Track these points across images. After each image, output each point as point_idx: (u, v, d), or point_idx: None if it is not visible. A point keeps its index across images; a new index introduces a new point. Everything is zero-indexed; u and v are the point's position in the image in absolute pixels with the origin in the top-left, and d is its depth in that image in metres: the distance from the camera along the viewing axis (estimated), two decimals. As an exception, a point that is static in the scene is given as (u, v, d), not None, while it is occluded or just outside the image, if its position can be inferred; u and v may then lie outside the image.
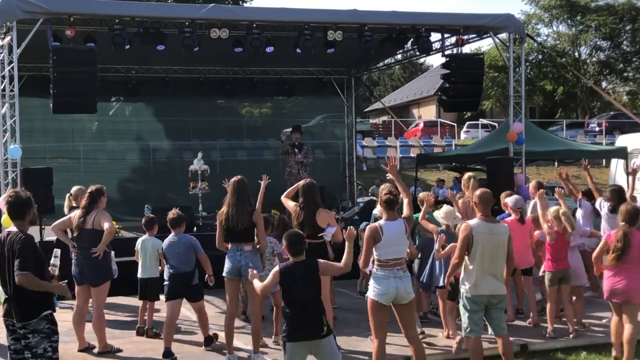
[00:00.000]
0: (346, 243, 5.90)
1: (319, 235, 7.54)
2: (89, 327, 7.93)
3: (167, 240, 7.90)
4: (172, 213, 7.91)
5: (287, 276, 5.70)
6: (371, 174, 24.16)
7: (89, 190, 8.05)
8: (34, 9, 11.01)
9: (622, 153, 16.56)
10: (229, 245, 7.47)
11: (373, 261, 6.70)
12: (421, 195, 8.94)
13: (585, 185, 12.95)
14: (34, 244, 5.35)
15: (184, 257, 7.75)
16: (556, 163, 21.31)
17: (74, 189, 9.32)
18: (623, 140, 18.52)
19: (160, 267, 8.47)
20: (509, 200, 8.92)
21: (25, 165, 11.60)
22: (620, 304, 7.24)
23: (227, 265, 7.46)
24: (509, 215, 8.96)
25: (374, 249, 6.60)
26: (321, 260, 5.93)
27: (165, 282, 7.86)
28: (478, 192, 6.99)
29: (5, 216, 10.89)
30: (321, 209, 7.65)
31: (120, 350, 7.88)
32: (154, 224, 8.68)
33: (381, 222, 6.69)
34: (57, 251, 7.02)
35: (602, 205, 9.25)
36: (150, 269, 8.58)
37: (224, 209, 7.42)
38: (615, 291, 7.18)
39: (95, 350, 7.83)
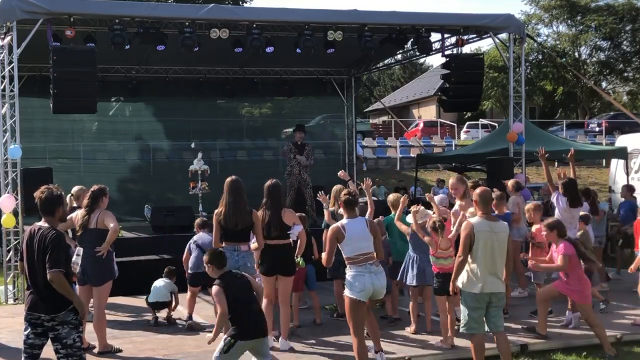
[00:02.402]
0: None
1: (288, 233, 7.63)
2: (89, 327, 7.92)
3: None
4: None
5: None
6: (371, 174, 24.14)
7: (91, 189, 8.07)
8: (34, 9, 11.00)
9: (622, 153, 16.57)
10: (224, 245, 7.46)
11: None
12: (390, 197, 9.17)
13: (584, 185, 13.00)
14: (65, 242, 5.53)
15: None
16: (556, 163, 21.29)
17: (75, 189, 9.33)
18: (623, 140, 18.53)
19: None
20: (435, 198, 8.97)
21: (25, 165, 11.59)
22: None
23: None
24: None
25: (341, 248, 6.81)
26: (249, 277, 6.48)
27: None
28: (478, 190, 7.08)
29: (5, 216, 10.92)
30: (285, 209, 7.74)
31: (120, 350, 7.88)
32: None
33: (343, 221, 6.91)
34: (80, 249, 7.05)
35: (560, 199, 9.21)
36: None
37: (221, 209, 7.43)
38: None
39: (95, 350, 7.83)
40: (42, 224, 5.53)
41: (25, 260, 5.54)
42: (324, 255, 6.98)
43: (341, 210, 8.00)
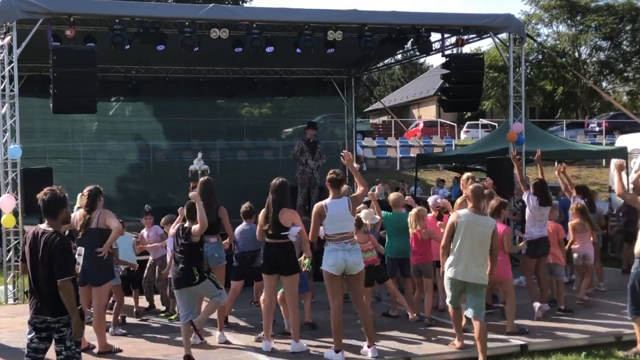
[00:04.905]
0: None
1: (283, 234, 7.61)
2: (89, 327, 7.91)
3: (238, 228, 8.83)
4: (245, 206, 8.86)
5: None
6: (371, 174, 24.16)
7: (88, 189, 8.06)
8: (34, 9, 11.01)
9: (622, 153, 16.55)
10: None
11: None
12: (391, 196, 9.52)
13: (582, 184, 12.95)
14: (70, 246, 5.55)
15: (251, 242, 8.66)
16: (556, 163, 21.29)
17: (86, 190, 9.29)
18: (623, 140, 18.53)
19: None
20: (429, 199, 9.97)
21: (25, 165, 11.59)
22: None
23: None
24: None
25: (322, 226, 7.34)
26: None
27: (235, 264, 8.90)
28: (471, 186, 7.69)
29: (5, 216, 10.92)
30: (285, 209, 7.69)
31: (120, 350, 7.88)
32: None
33: (326, 200, 7.39)
34: (81, 249, 7.04)
35: (530, 198, 9.59)
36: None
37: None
38: None
39: (95, 350, 7.83)
40: (46, 227, 5.45)
41: (29, 263, 5.50)
42: (310, 232, 7.50)
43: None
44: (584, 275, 10.16)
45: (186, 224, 7.56)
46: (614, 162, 8.10)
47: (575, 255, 10.11)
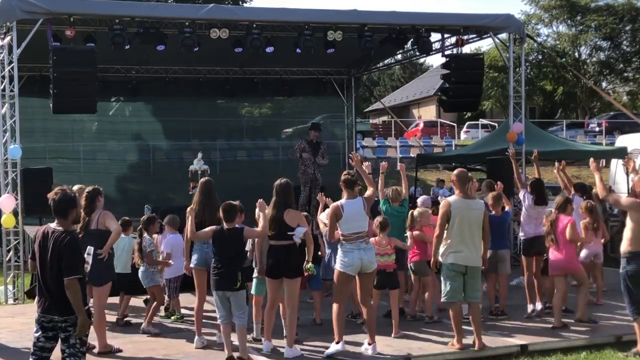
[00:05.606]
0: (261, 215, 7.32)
1: (288, 234, 7.49)
2: (89, 327, 7.92)
3: None
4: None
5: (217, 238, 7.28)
6: (371, 174, 24.12)
7: (86, 190, 8.05)
8: (34, 9, 11.01)
9: (622, 153, 16.54)
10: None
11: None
12: (388, 191, 9.59)
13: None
14: (79, 245, 5.58)
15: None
16: (556, 163, 21.30)
17: (75, 187, 9.28)
18: (623, 140, 18.55)
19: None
20: (419, 199, 10.32)
21: (25, 165, 11.60)
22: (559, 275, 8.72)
23: (195, 256, 8.11)
24: None
25: (338, 225, 7.39)
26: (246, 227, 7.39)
27: None
28: (455, 171, 7.85)
29: (5, 216, 10.92)
30: (290, 209, 7.60)
31: (120, 350, 7.88)
32: (129, 226, 9.45)
33: (342, 201, 7.48)
34: (91, 249, 7.04)
35: (526, 197, 9.68)
36: (121, 265, 9.09)
37: (194, 206, 7.99)
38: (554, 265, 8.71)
39: (95, 350, 7.82)
40: (56, 226, 5.48)
41: (38, 262, 5.52)
42: (327, 231, 7.60)
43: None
44: (595, 274, 10.14)
45: (225, 226, 7.32)
46: (591, 161, 8.13)
47: (585, 253, 9.99)
